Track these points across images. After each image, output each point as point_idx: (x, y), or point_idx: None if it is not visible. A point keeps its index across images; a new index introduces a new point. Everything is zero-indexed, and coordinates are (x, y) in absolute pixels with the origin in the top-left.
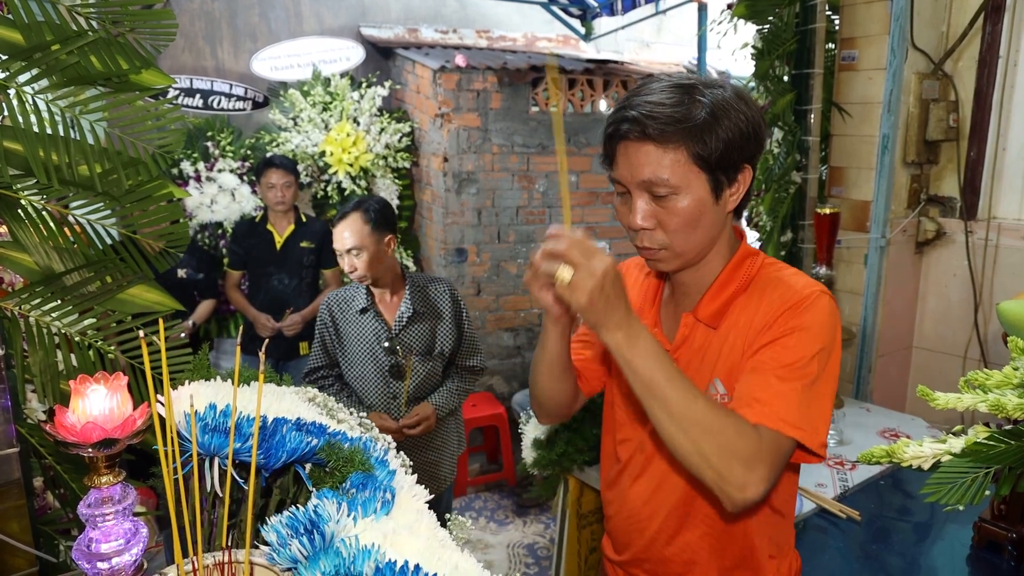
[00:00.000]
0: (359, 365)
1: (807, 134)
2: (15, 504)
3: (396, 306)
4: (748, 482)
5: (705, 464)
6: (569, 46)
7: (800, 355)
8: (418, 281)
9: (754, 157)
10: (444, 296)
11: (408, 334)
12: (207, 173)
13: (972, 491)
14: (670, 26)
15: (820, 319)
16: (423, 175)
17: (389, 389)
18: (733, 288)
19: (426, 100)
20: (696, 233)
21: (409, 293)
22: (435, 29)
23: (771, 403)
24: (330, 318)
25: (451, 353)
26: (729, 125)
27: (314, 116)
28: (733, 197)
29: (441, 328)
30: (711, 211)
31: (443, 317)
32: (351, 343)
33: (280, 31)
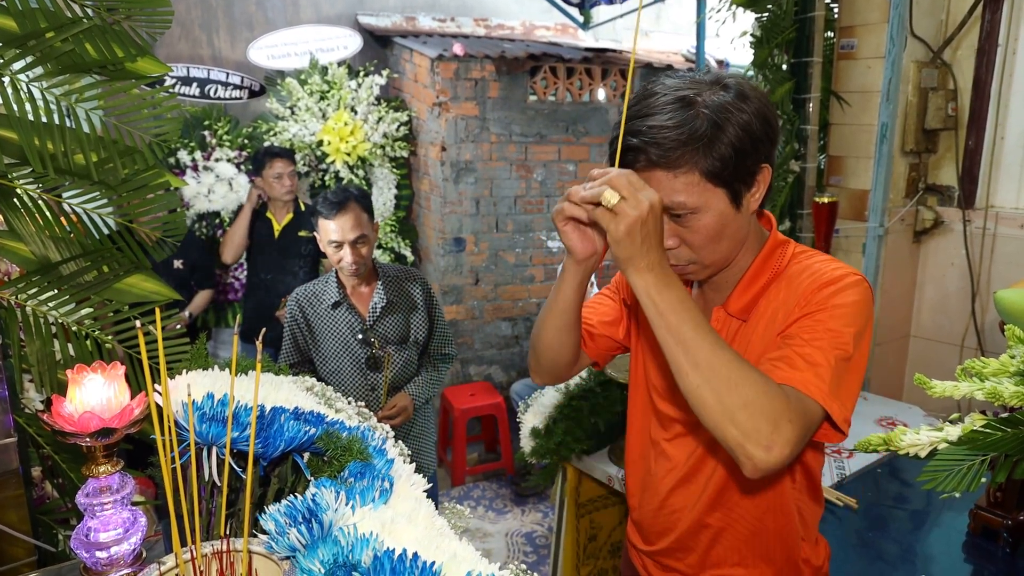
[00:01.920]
0: (334, 359)
1: (806, 123)
2: (13, 494)
3: (369, 297)
4: (774, 442)
5: (728, 420)
6: (567, 35)
7: (835, 328)
8: (389, 272)
9: (770, 154)
10: (416, 286)
11: (383, 325)
12: (204, 162)
13: (968, 478)
14: (669, 14)
15: (856, 299)
16: (421, 164)
17: (367, 381)
18: (764, 280)
19: (424, 89)
20: (722, 244)
21: (381, 284)
22: (433, 17)
23: (803, 369)
24: (301, 314)
25: (424, 342)
26: (736, 132)
27: (311, 105)
28: (755, 198)
29: (415, 317)
30: (734, 220)
31: (416, 307)
32: (324, 338)
33: (277, 19)
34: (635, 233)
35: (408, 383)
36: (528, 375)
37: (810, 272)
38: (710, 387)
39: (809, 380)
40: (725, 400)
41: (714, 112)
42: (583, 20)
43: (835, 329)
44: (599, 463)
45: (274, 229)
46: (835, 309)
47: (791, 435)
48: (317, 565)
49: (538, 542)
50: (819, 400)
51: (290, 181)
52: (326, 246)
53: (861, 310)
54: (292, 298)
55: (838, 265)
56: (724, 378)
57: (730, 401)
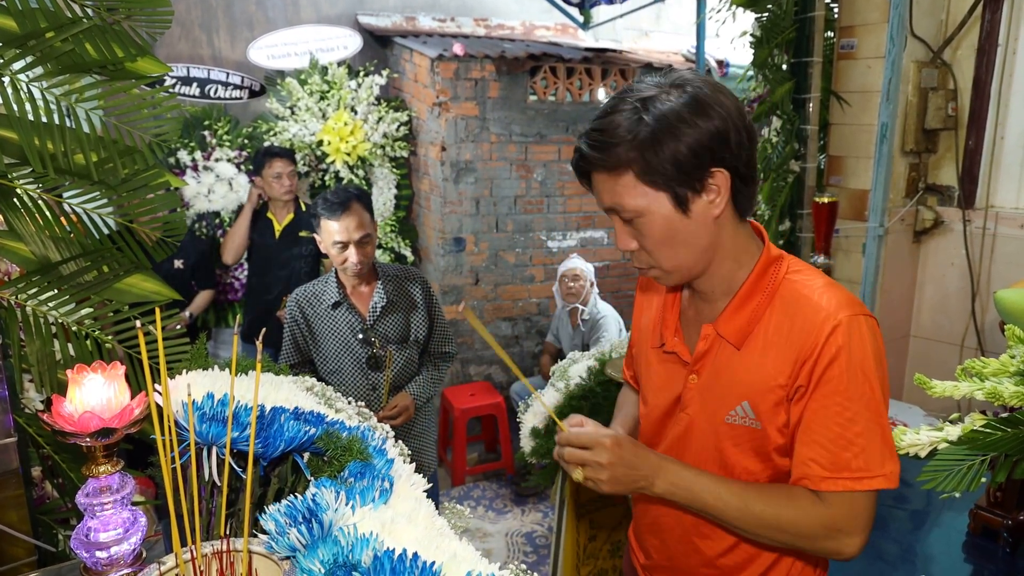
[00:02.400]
0: (335, 359)
1: (806, 123)
2: (13, 494)
3: (369, 297)
4: (840, 547)
5: (794, 546)
6: (567, 34)
7: (850, 402)
8: (389, 271)
9: (726, 159)
10: (415, 285)
11: (383, 324)
12: (204, 162)
13: (968, 478)
14: (669, 14)
15: (862, 351)
16: (421, 164)
17: (368, 381)
18: (756, 301)
19: (424, 89)
20: (677, 250)
21: (381, 283)
22: (433, 17)
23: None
24: (300, 314)
25: (424, 341)
26: (676, 136)
27: (311, 105)
28: (712, 204)
29: (415, 316)
30: (683, 225)
31: (416, 306)
32: (325, 338)
33: (277, 19)
34: (618, 481)
35: (409, 382)
36: (528, 375)
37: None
38: (761, 535)
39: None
40: (779, 539)
41: (655, 115)
42: (583, 20)
43: (852, 402)
44: None
45: (275, 229)
46: (849, 377)
47: (849, 535)
48: (317, 565)
49: (538, 542)
50: (862, 488)
51: (289, 181)
52: (330, 247)
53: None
54: (291, 299)
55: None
56: (766, 527)
57: (783, 539)
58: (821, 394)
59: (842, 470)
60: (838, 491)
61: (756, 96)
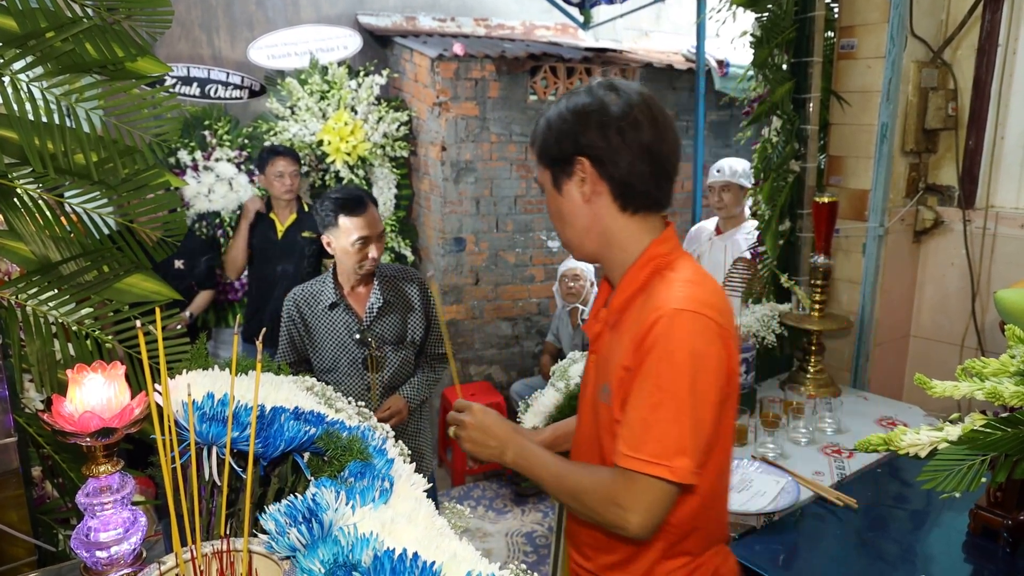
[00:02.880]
0: (331, 359)
1: (806, 123)
2: (13, 494)
3: (366, 298)
4: (621, 521)
5: (589, 515)
6: (567, 34)
7: (660, 383)
8: (386, 272)
9: (588, 150)
10: (413, 286)
11: (379, 325)
12: (204, 162)
13: (968, 478)
14: (669, 14)
15: (678, 344)
16: (421, 164)
17: (363, 381)
18: (632, 290)
19: (424, 89)
20: (562, 225)
21: (378, 284)
22: (433, 17)
23: (630, 441)
24: (298, 314)
25: (421, 342)
26: (549, 124)
27: (311, 105)
28: (583, 189)
29: (412, 318)
30: (560, 202)
31: (413, 307)
32: (322, 338)
33: (277, 19)
34: (475, 443)
35: (404, 384)
36: (528, 375)
37: (652, 298)
38: (568, 505)
39: (634, 452)
40: (576, 507)
41: (551, 108)
42: (583, 20)
43: (660, 387)
44: None
45: (277, 229)
46: (659, 363)
47: (632, 511)
48: (317, 565)
49: (538, 542)
50: (646, 471)
51: (291, 181)
52: (349, 245)
53: (683, 350)
54: (289, 298)
55: (670, 297)
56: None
57: (577, 506)
58: (640, 378)
59: (638, 451)
60: (625, 468)
61: (756, 96)
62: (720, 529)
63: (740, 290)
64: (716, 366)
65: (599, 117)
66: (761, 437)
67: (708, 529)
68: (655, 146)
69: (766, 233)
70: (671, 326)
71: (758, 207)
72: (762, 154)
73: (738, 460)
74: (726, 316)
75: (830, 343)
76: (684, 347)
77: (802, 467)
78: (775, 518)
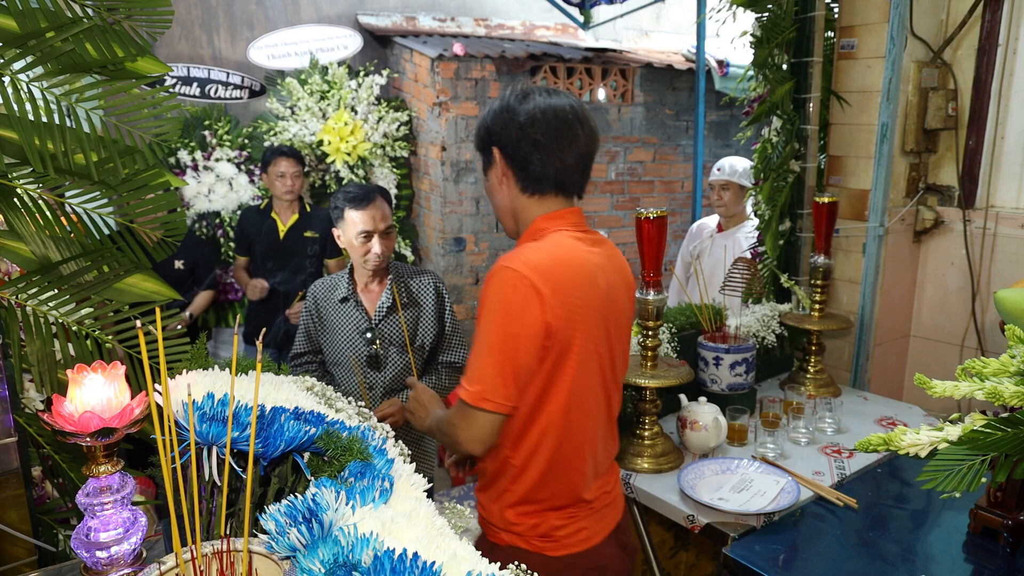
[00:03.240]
0: (339, 353)
1: (806, 123)
2: (14, 493)
3: (378, 295)
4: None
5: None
6: (567, 34)
7: (480, 327)
8: (401, 271)
9: (500, 142)
10: (427, 288)
11: (388, 325)
12: (204, 162)
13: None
14: (669, 14)
15: (490, 293)
16: (421, 164)
17: (366, 379)
18: None
19: (424, 89)
20: (492, 205)
21: (392, 283)
22: (433, 17)
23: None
24: (314, 305)
25: (432, 347)
26: (481, 121)
27: (311, 105)
28: (496, 175)
29: (423, 321)
30: (487, 184)
31: (424, 309)
32: (333, 331)
33: (277, 19)
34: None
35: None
36: None
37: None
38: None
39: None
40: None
41: None
42: (583, 20)
43: (480, 327)
44: None
45: (279, 229)
46: (481, 308)
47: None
48: (317, 565)
49: None
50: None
51: (292, 181)
52: (353, 238)
53: (498, 299)
54: (310, 289)
55: (504, 257)
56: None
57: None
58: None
59: (463, 381)
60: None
61: (756, 96)
62: (570, 490)
63: (740, 290)
64: (527, 317)
65: (507, 116)
66: (761, 437)
67: (553, 487)
68: (549, 141)
69: (766, 233)
70: (492, 280)
71: (758, 207)
72: (762, 154)
73: (738, 460)
74: (551, 281)
75: (830, 343)
76: (497, 297)
77: (802, 467)
78: (775, 518)
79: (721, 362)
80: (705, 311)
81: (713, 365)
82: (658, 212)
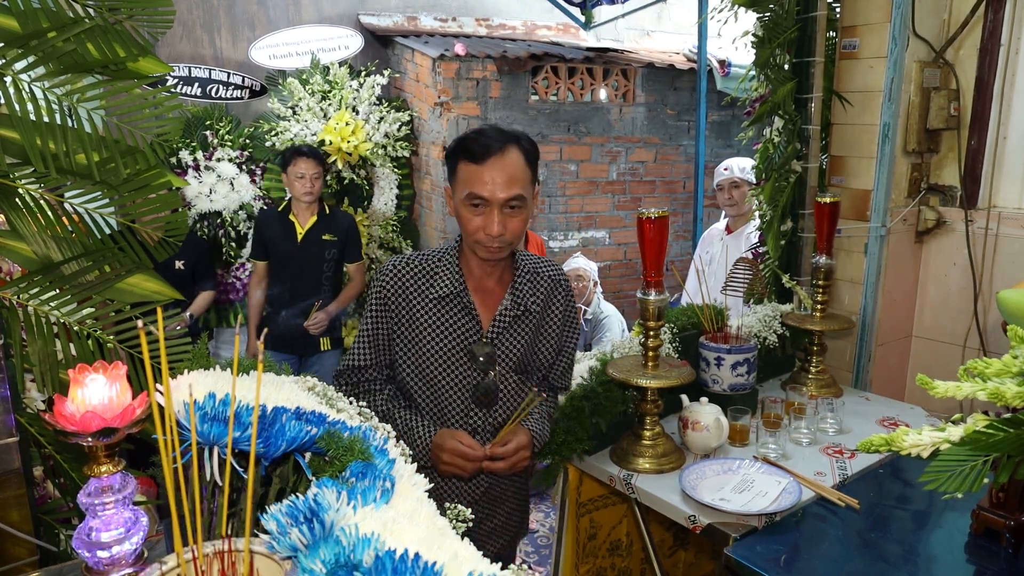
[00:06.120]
0: (427, 375)
1: (807, 123)
2: (15, 493)
3: (498, 296)
4: None
5: None
6: (569, 34)
7: None
8: (527, 265)
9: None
10: (558, 290)
11: (508, 341)
12: (206, 162)
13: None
14: (670, 14)
15: None
16: (422, 164)
17: (469, 419)
18: None
19: (425, 89)
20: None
21: (518, 281)
22: (434, 17)
23: None
24: (393, 294)
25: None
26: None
27: (313, 105)
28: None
29: (547, 334)
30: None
31: (552, 321)
32: (420, 341)
33: (278, 19)
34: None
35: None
36: None
37: None
38: None
39: None
40: None
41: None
42: (585, 20)
43: None
44: (600, 463)
45: (297, 232)
46: None
47: None
48: (319, 565)
49: (539, 542)
50: None
51: (312, 183)
52: (460, 203)
53: None
54: (388, 267)
55: None
56: None
57: None
58: None
59: None
60: None
61: (758, 96)
62: None
63: (742, 290)
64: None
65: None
66: (763, 437)
67: None
68: None
69: (768, 233)
70: None
71: (760, 207)
72: (764, 154)
73: (740, 460)
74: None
75: (832, 343)
76: None
77: (804, 467)
78: (776, 519)
79: (723, 362)
80: (707, 311)
81: (715, 365)
82: (659, 212)
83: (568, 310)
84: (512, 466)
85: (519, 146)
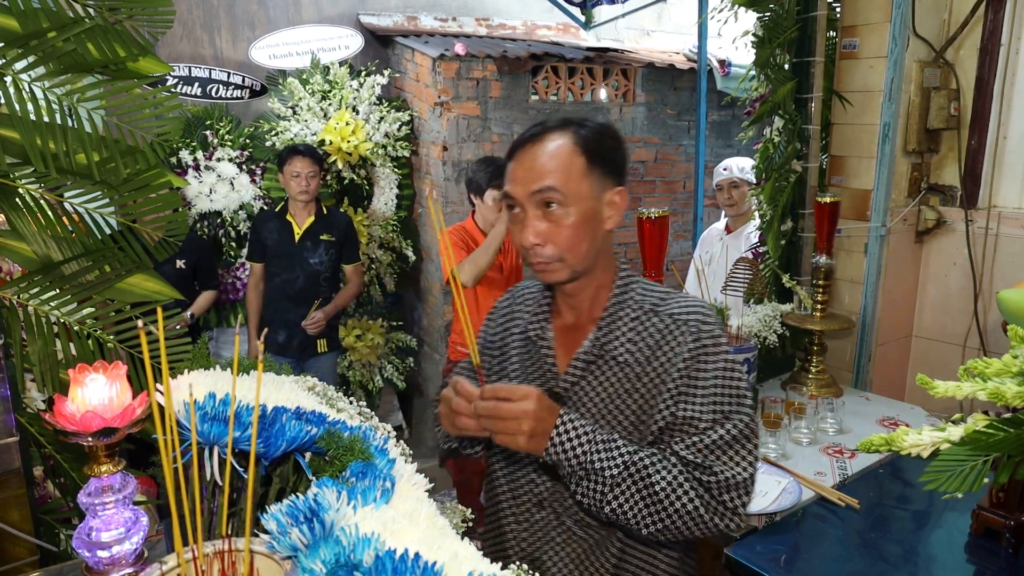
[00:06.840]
0: None
1: (808, 123)
2: (15, 493)
3: (583, 332)
4: None
5: None
6: (569, 34)
7: None
8: (645, 303)
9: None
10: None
11: (586, 390)
12: (206, 162)
13: (971, 479)
14: (670, 14)
15: None
16: (423, 164)
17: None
18: None
19: (425, 89)
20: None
21: (614, 315)
22: (434, 17)
23: None
24: (501, 325)
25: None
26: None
27: (313, 105)
28: None
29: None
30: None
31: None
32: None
33: (279, 19)
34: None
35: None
36: None
37: None
38: None
39: None
40: None
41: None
42: (585, 20)
43: None
44: None
45: (294, 232)
46: None
47: None
48: (319, 565)
49: None
50: None
51: (307, 182)
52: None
53: None
54: (504, 301)
55: None
56: None
57: None
58: None
59: None
60: None
61: (758, 96)
62: None
63: (742, 290)
64: None
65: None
66: (763, 437)
67: None
68: None
69: (768, 233)
70: None
71: (760, 207)
72: (764, 154)
73: None
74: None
75: (832, 343)
76: None
77: (804, 467)
78: (777, 518)
79: None
80: None
81: None
82: (659, 212)
83: (695, 361)
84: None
85: (569, 130)
